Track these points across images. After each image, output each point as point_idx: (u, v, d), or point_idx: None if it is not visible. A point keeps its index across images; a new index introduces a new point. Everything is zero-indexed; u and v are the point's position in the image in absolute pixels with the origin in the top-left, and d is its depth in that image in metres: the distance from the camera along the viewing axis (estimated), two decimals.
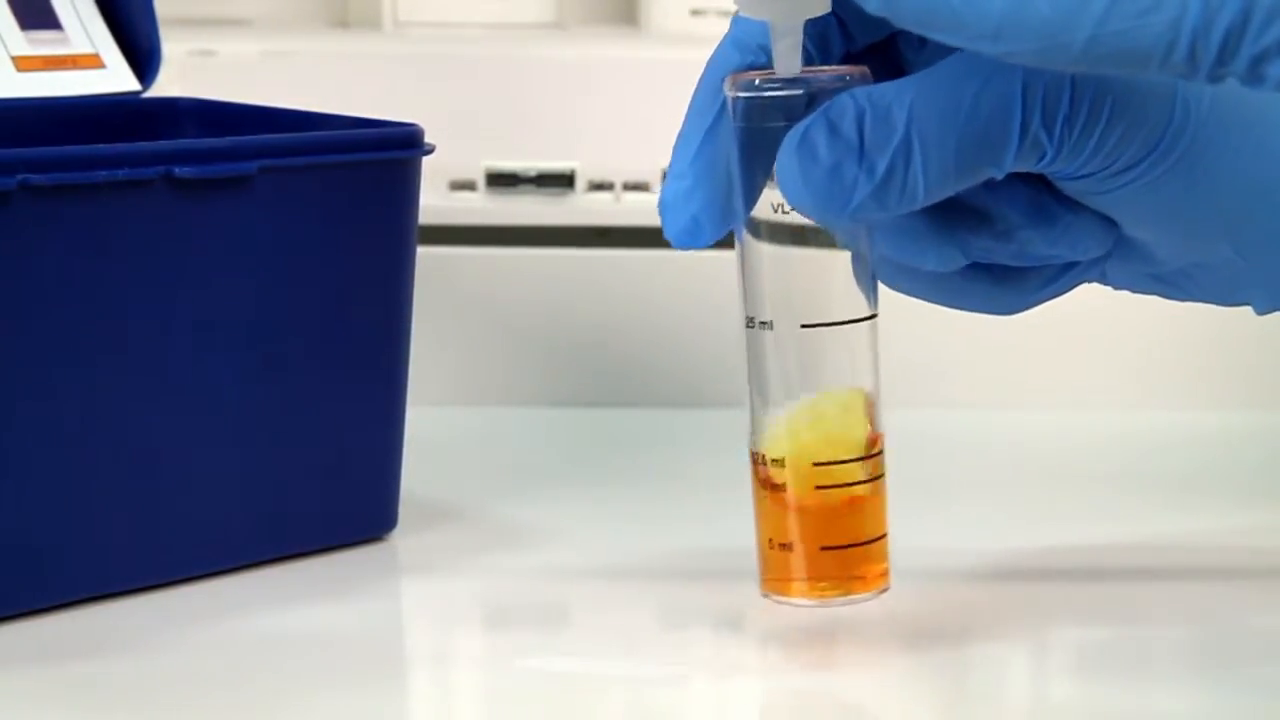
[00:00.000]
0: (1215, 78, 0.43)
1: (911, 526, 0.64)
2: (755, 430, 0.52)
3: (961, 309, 0.55)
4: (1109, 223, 0.52)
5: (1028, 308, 0.55)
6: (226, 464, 0.58)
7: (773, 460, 0.51)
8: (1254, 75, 0.43)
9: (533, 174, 0.82)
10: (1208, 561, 0.62)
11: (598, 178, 0.82)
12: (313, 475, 0.60)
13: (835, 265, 0.51)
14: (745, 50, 0.51)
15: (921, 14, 0.45)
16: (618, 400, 0.80)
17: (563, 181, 0.82)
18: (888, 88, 0.48)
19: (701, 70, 0.52)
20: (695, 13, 0.91)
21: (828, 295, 0.51)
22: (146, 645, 0.54)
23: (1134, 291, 0.55)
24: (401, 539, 0.62)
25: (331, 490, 0.60)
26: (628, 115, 0.82)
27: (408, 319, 0.62)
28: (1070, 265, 0.54)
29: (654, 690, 0.52)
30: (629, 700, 0.52)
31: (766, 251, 0.51)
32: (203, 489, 0.58)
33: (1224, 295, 0.54)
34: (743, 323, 0.51)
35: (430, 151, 0.61)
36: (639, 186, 0.81)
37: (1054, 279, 0.54)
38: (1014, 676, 0.54)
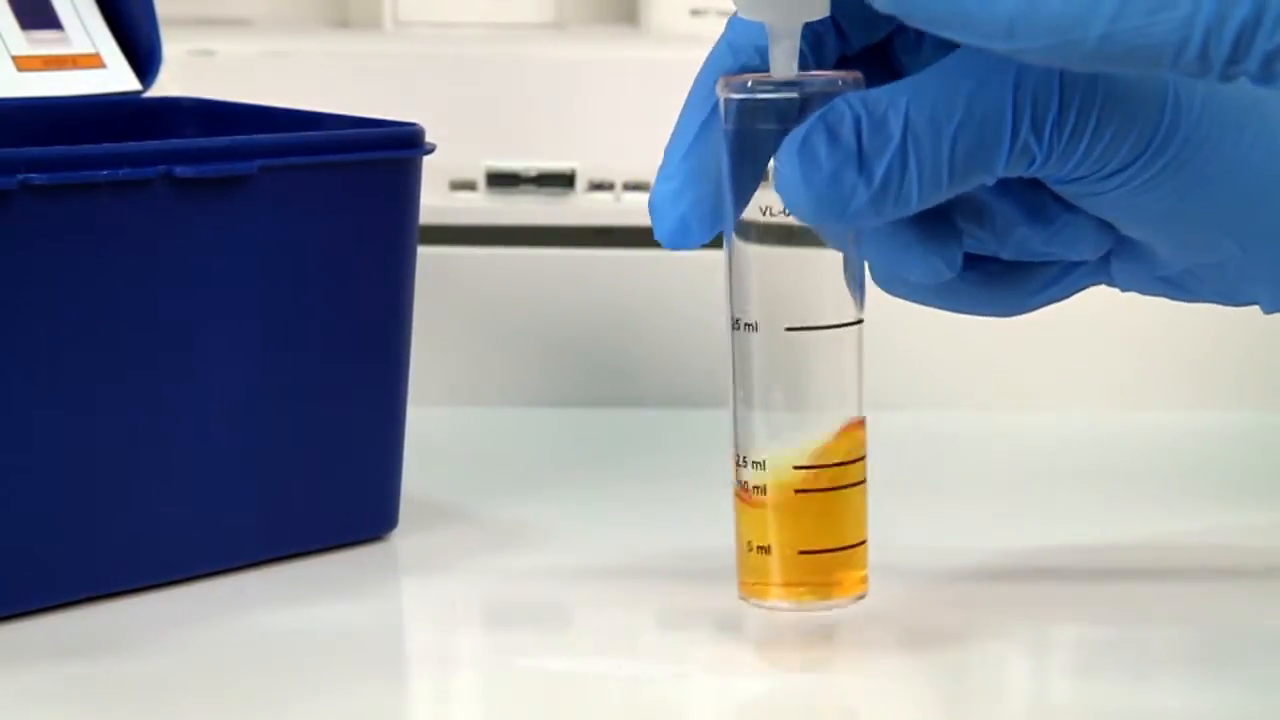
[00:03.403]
0: (1227, 76, 0.43)
1: (911, 526, 0.64)
2: (738, 432, 0.52)
3: (957, 311, 0.55)
4: (1106, 224, 0.52)
5: (1027, 310, 0.55)
6: (227, 464, 0.58)
7: (754, 462, 0.51)
8: (1267, 73, 0.43)
9: (533, 174, 0.82)
10: (1208, 561, 0.62)
11: (598, 178, 0.82)
12: (313, 475, 0.60)
13: (823, 269, 0.51)
14: (739, 52, 0.51)
15: (933, 12, 0.45)
16: (618, 400, 0.80)
17: (563, 181, 0.82)
18: (882, 93, 0.48)
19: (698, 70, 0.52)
20: (695, 13, 0.91)
21: (815, 299, 0.51)
22: (146, 645, 0.54)
23: (1141, 293, 0.55)
24: (402, 539, 0.62)
25: (332, 490, 0.60)
26: (628, 115, 0.82)
27: (408, 319, 0.62)
28: (1070, 269, 0.54)
29: (654, 690, 0.52)
30: (629, 700, 0.52)
31: (754, 253, 0.50)
32: (203, 489, 0.58)
33: (1230, 294, 0.54)
34: (729, 324, 0.51)
35: (431, 151, 0.61)
36: (639, 186, 0.81)
37: (1053, 282, 0.54)
38: (1014, 676, 0.54)
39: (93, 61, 0.68)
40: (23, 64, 0.66)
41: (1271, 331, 0.55)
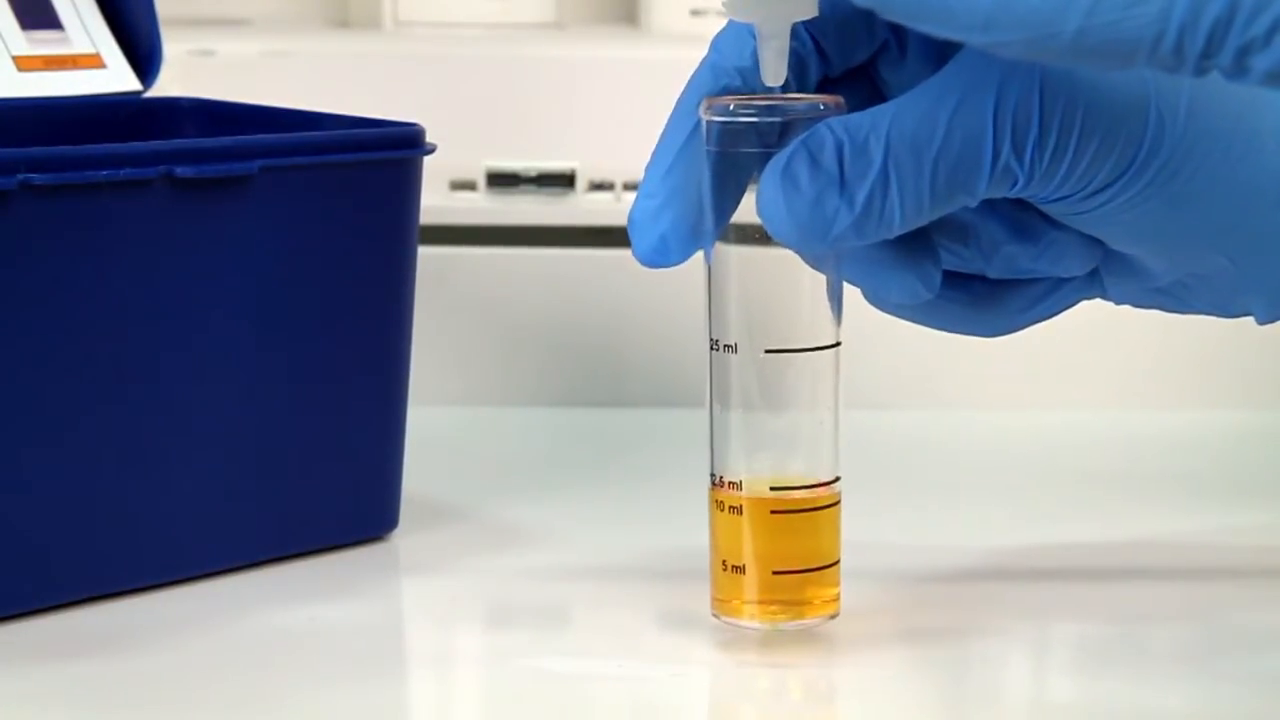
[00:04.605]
0: (1201, 70, 0.44)
1: (911, 525, 0.64)
2: (715, 451, 0.52)
3: (947, 330, 0.55)
4: (1093, 240, 0.52)
5: (1017, 328, 0.55)
6: (227, 464, 0.58)
7: (730, 483, 0.51)
8: (1239, 67, 0.43)
9: (533, 174, 0.82)
10: (1207, 561, 0.62)
11: (598, 178, 0.82)
12: (313, 475, 0.60)
13: (802, 291, 0.51)
14: (721, 74, 0.51)
15: (911, 5, 0.45)
16: (618, 400, 0.80)
17: (563, 181, 0.82)
18: (864, 118, 0.49)
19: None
20: (695, 13, 0.91)
21: (793, 322, 0.51)
22: (147, 645, 0.54)
23: (1135, 305, 0.55)
24: (402, 539, 0.62)
25: (332, 490, 0.60)
26: (628, 115, 0.82)
27: (408, 319, 0.62)
28: (1058, 285, 0.54)
29: (654, 690, 0.52)
30: (629, 700, 0.52)
31: (734, 275, 0.51)
32: (203, 489, 0.58)
33: (1223, 306, 0.54)
34: (707, 344, 0.51)
35: (431, 151, 0.61)
36: (639, 187, 0.81)
37: (1042, 299, 0.54)
38: (1013, 674, 0.54)
39: (93, 61, 0.68)
40: (23, 64, 0.66)
41: (1272, 332, 0.55)
